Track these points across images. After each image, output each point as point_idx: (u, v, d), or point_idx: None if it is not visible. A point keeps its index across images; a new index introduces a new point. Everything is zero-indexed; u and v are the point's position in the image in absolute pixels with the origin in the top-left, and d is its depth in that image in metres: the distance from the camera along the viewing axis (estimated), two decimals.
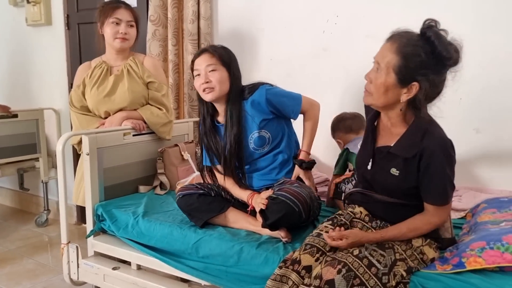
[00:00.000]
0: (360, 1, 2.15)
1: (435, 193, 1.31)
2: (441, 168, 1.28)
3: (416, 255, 1.32)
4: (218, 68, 1.74)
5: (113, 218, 1.90)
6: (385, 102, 1.32)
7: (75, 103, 2.24)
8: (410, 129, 1.33)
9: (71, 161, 3.25)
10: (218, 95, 1.74)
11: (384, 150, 1.39)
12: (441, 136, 1.30)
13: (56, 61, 3.34)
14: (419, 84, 1.25)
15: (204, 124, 1.85)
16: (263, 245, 1.54)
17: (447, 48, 1.23)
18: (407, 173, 1.33)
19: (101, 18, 2.18)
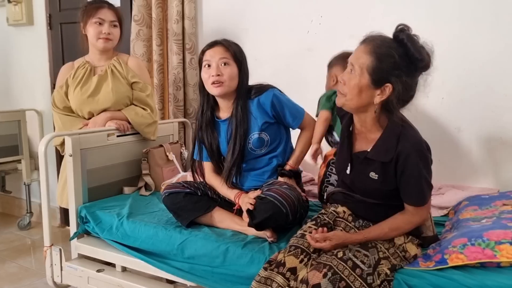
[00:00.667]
0: (344, 2, 2.16)
1: (413, 195, 1.33)
2: (417, 170, 1.30)
3: (398, 252, 1.34)
4: (230, 63, 1.71)
5: (97, 220, 1.88)
6: (358, 103, 1.32)
7: (58, 103, 2.21)
8: (385, 134, 1.34)
9: (54, 163, 3.20)
10: (226, 90, 1.71)
11: (361, 156, 1.40)
12: (415, 138, 1.32)
13: (38, 62, 3.29)
14: (393, 85, 1.26)
15: (202, 117, 1.81)
16: (249, 245, 1.54)
17: (419, 50, 1.25)
18: (386, 176, 1.35)
19: (84, 18, 2.16)
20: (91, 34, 2.16)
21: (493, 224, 1.34)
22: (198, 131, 1.83)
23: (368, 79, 1.28)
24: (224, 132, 1.79)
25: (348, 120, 1.46)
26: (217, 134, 1.81)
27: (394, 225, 1.36)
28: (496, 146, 1.92)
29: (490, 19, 1.86)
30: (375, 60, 1.26)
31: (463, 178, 1.99)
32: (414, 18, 1.99)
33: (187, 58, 2.56)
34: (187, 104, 2.62)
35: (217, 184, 1.82)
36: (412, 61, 1.26)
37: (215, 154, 1.82)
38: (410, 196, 1.34)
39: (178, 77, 2.55)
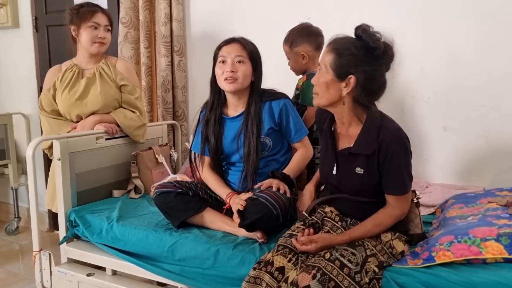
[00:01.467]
0: (331, 3, 2.18)
1: (394, 183, 1.37)
2: (397, 159, 1.35)
3: (385, 249, 1.36)
4: (246, 62, 1.72)
5: (87, 224, 1.87)
6: (329, 99, 1.39)
7: (45, 107, 2.19)
8: (365, 127, 1.40)
9: (42, 167, 3.17)
10: (239, 87, 1.72)
11: (345, 152, 1.43)
12: (395, 128, 1.38)
13: (24, 65, 3.26)
14: (355, 76, 1.33)
15: (211, 113, 1.81)
16: (239, 246, 1.55)
17: (373, 39, 1.32)
18: (371, 169, 1.38)
19: (77, 21, 2.14)
20: (85, 38, 2.14)
21: (479, 222, 1.37)
22: (204, 125, 1.82)
23: (332, 74, 1.36)
24: (231, 130, 1.79)
25: (329, 120, 1.51)
26: (223, 131, 1.80)
27: (376, 221, 1.39)
28: (481, 145, 1.95)
29: (475, 19, 1.90)
30: (335, 56, 1.35)
31: (450, 177, 2.02)
32: (400, 19, 2.03)
33: (175, 60, 2.56)
34: (175, 106, 2.62)
35: (212, 180, 1.82)
36: (369, 51, 1.32)
37: (218, 150, 1.81)
38: (391, 185, 1.38)
39: (167, 79, 2.55)
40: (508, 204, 1.48)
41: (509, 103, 1.87)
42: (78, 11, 2.15)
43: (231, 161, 1.83)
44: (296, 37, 1.95)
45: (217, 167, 1.84)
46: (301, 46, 1.94)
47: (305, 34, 1.95)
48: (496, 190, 1.70)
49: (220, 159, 1.83)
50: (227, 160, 1.84)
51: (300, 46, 1.94)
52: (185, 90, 2.62)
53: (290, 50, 1.97)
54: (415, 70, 2.02)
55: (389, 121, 1.40)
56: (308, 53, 1.94)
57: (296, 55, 1.96)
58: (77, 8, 2.17)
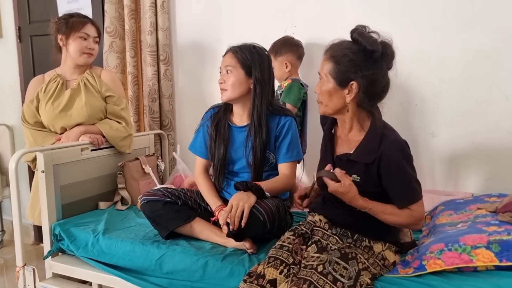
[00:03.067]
0: (317, 11, 2.18)
1: (404, 193, 1.35)
2: (402, 169, 1.33)
3: (377, 261, 1.35)
4: (234, 71, 1.69)
5: (72, 237, 1.83)
6: (333, 107, 1.39)
7: (28, 118, 2.15)
8: (368, 136, 1.38)
9: (26, 178, 3.12)
10: (229, 97, 1.71)
11: (344, 158, 1.42)
12: (396, 138, 1.37)
13: (8, 75, 3.21)
14: (356, 82, 1.32)
15: (220, 119, 1.79)
16: (228, 258, 1.53)
17: (370, 42, 1.30)
18: (368, 178, 1.36)
19: (66, 31, 2.11)
20: (74, 48, 2.11)
21: (469, 229, 1.36)
22: (213, 131, 1.79)
23: (334, 83, 1.35)
24: (237, 139, 1.77)
25: (330, 123, 1.50)
26: (230, 139, 1.78)
27: (396, 210, 1.35)
28: (469, 151, 1.95)
29: (460, 26, 1.91)
30: (334, 64, 1.34)
31: (439, 183, 2.02)
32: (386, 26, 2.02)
33: (161, 70, 2.53)
34: (162, 115, 2.59)
35: (205, 186, 1.79)
36: (367, 54, 1.31)
37: (225, 158, 1.77)
38: (401, 196, 1.35)
39: (153, 88, 2.52)
40: (498, 210, 1.48)
41: (495, 109, 1.88)
42: (67, 21, 2.12)
43: (233, 169, 1.80)
44: (280, 47, 2.09)
45: (220, 174, 1.79)
46: (285, 55, 2.09)
47: (288, 44, 2.10)
48: (485, 196, 1.71)
49: (226, 167, 1.79)
50: (229, 169, 1.81)
51: (284, 56, 2.10)
52: (171, 100, 2.59)
53: (275, 59, 2.08)
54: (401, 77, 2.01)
55: (391, 131, 1.39)
56: (291, 61, 2.09)
57: (280, 64, 2.10)
58: (67, 18, 2.14)
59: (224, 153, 1.76)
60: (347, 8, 2.11)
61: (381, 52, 1.31)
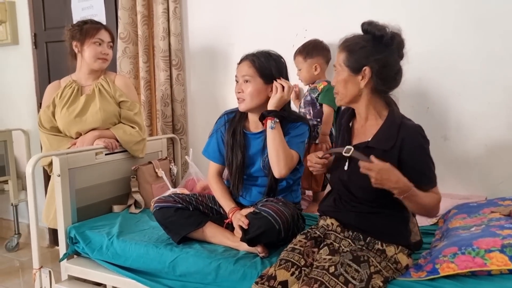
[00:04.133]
0: (328, 15, 2.19)
1: (429, 177, 1.38)
2: (425, 153, 1.37)
3: (390, 265, 1.34)
4: (252, 80, 1.70)
5: (87, 240, 1.86)
6: (349, 95, 1.43)
7: (45, 123, 2.19)
8: (386, 123, 1.41)
9: (42, 182, 3.16)
10: (247, 107, 1.72)
11: (361, 146, 1.42)
12: (415, 124, 1.40)
13: (24, 81, 3.27)
14: (369, 67, 1.37)
15: (236, 125, 1.80)
16: (241, 261, 1.53)
17: (378, 28, 1.36)
18: None
19: (80, 38, 2.15)
20: (89, 54, 2.15)
21: (482, 232, 1.35)
22: (228, 135, 1.80)
23: (347, 71, 1.41)
24: (253, 145, 1.78)
25: (348, 116, 1.53)
26: (246, 145, 1.79)
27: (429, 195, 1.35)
28: (482, 153, 1.94)
29: (472, 28, 1.90)
30: (347, 53, 1.41)
31: (451, 186, 2.01)
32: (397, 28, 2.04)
33: (174, 74, 2.56)
34: (175, 119, 2.62)
35: (218, 189, 1.82)
36: (377, 40, 1.37)
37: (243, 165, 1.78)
38: (427, 179, 1.37)
39: (166, 93, 2.55)
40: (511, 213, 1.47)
41: (508, 111, 1.87)
42: (81, 28, 2.16)
43: (250, 174, 1.80)
44: (312, 50, 2.11)
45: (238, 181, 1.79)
46: (315, 58, 2.10)
47: (319, 48, 2.11)
48: (499, 199, 1.69)
49: (244, 173, 1.80)
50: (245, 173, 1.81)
51: (314, 58, 2.10)
52: (184, 104, 2.62)
53: (304, 61, 2.11)
54: (413, 80, 2.02)
55: (410, 120, 1.43)
56: (321, 65, 2.11)
57: (309, 66, 2.11)
58: (80, 24, 2.19)
59: (241, 159, 1.78)
60: (357, 12, 2.12)
61: (390, 36, 1.36)
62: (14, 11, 3.23)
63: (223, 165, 1.87)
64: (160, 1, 2.48)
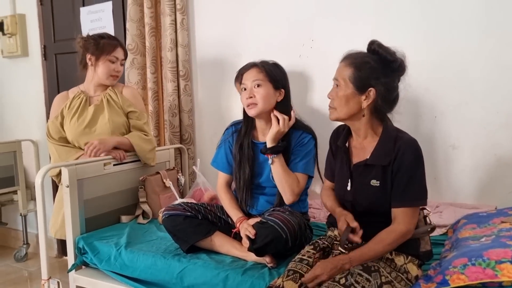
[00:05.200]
0: (335, 26, 2.20)
1: (403, 194, 1.35)
2: (410, 168, 1.34)
3: (401, 275, 1.33)
4: (263, 84, 1.73)
5: (95, 251, 1.87)
6: (348, 112, 1.41)
7: (53, 134, 2.21)
8: (382, 139, 1.41)
9: (51, 193, 3.18)
10: (260, 111, 1.74)
11: (361, 165, 1.43)
12: (409, 138, 1.40)
13: (33, 92, 3.31)
14: (375, 88, 1.36)
15: (244, 137, 1.82)
16: (249, 272, 1.53)
17: (390, 53, 1.36)
18: (387, 181, 1.37)
19: (96, 52, 2.17)
20: (102, 70, 2.18)
21: (493, 243, 1.34)
22: (235, 149, 1.83)
23: (353, 88, 1.39)
24: (260, 154, 1.79)
25: (344, 136, 1.51)
26: (255, 156, 1.80)
27: (378, 238, 1.35)
28: (491, 163, 1.93)
29: (479, 37, 1.90)
30: (354, 70, 1.38)
31: (460, 196, 2.00)
32: (404, 40, 2.04)
33: (181, 85, 2.58)
34: (182, 130, 2.63)
35: (227, 199, 1.84)
36: (386, 64, 1.37)
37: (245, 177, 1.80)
38: (398, 196, 1.35)
39: (173, 103, 2.57)
40: None
41: None
42: (98, 42, 2.18)
43: (258, 183, 1.82)
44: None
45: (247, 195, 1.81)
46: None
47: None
48: (509, 209, 1.67)
49: (251, 186, 1.81)
50: (254, 183, 1.82)
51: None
52: (191, 114, 2.63)
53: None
54: (421, 89, 2.02)
55: (404, 133, 1.42)
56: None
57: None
58: (97, 38, 2.20)
59: (249, 173, 1.80)
60: (363, 22, 2.12)
61: (399, 63, 1.36)
62: (24, 24, 3.28)
63: (232, 174, 1.89)
64: (167, 12, 2.50)
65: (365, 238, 1.42)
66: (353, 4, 2.15)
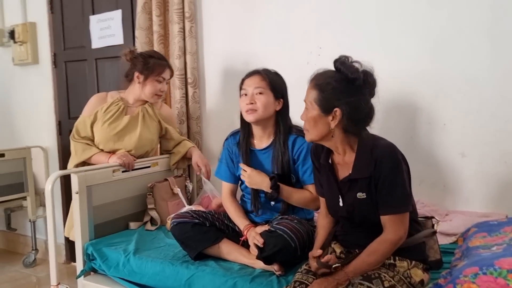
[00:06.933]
0: (342, 34, 2.21)
1: (387, 201, 1.34)
2: (390, 175, 1.33)
3: (403, 279, 1.33)
4: (265, 92, 1.74)
5: (104, 257, 1.87)
6: (319, 133, 1.41)
7: (82, 132, 2.22)
8: (359, 152, 1.40)
9: (59, 200, 3.21)
10: (259, 117, 1.74)
11: (345, 180, 1.42)
12: (386, 144, 1.38)
13: (43, 99, 3.35)
14: (340, 109, 1.35)
15: (241, 145, 1.84)
16: (257, 279, 1.53)
17: (351, 71, 1.34)
18: (371, 192, 1.36)
19: (145, 72, 2.20)
20: (149, 90, 2.22)
21: (504, 252, 1.32)
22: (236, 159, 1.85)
23: (318, 110, 1.39)
24: (260, 162, 1.80)
25: (325, 154, 1.49)
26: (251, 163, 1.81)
27: (370, 249, 1.34)
28: (502, 171, 1.91)
29: (488, 44, 1.89)
30: (318, 92, 1.38)
31: (469, 204, 1.98)
32: (412, 47, 2.04)
33: (189, 92, 2.59)
34: (190, 137, 2.64)
35: (232, 209, 1.84)
36: (348, 82, 1.35)
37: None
38: (383, 204, 1.34)
39: (182, 110, 2.58)
40: None
41: None
42: (147, 61, 2.21)
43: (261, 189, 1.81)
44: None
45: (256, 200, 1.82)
46: None
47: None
48: None
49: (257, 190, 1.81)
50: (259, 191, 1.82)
51: None
52: (199, 121, 2.65)
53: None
54: (429, 97, 2.01)
55: (381, 140, 1.40)
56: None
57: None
58: (146, 57, 2.22)
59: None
60: (371, 30, 2.13)
61: (362, 80, 1.34)
62: (35, 32, 3.32)
63: (236, 184, 1.91)
64: (176, 20, 2.52)
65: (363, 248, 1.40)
66: (361, 12, 2.15)
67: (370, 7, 2.13)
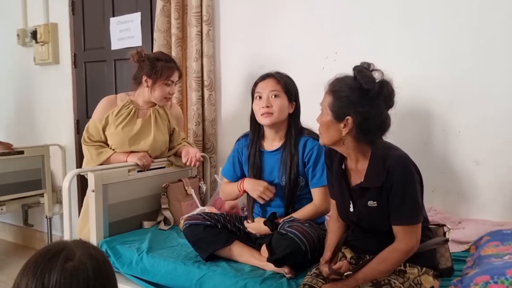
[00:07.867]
0: (358, 39, 2.21)
1: (399, 212, 1.33)
2: (402, 186, 1.32)
3: (414, 285, 1.33)
4: (280, 95, 1.77)
5: (118, 255, 1.91)
6: (330, 139, 1.41)
7: (94, 135, 2.22)
8: (372, 161, 1.39)
9: (76, 197, 3.27)
10: (275, 120, 1.77)
11: (357, 188, 1.43)
12: (399, 155, 1.37)
13: (63, 98, 3.42)
14: (351, 117, 1.34)
15: (251, 147, 1.87)
16: (267, 281, 1.54)
17: (366, 81, 1.33)
18: (382, 201, 1.36)
19: (153, 75, 2.18)
20: (158, 93, 2.21)
21: None
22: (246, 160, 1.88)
23: (331, 115, 1.39)
24: (268, 163, 1.82)
25: (339, 159, 1.50)
26: (261, 164, 1.84)
27: (381, 258, 1.34)
28: None
29: (504, 54, 1.88)
30: (333, 98, 1.38)
31: (484, 212, 1.96)
32: (427, 53, 2.04)
33: (205, 95, 2.62)
34: (205, 139, 2.67)
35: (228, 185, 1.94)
36: (362, 92, 1.34)
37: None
38: (395, 214, 1.34)
39: (197, 112, 2.62)
40: None
41: None
42: (154, 65, 2.18)
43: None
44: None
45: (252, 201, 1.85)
46: None
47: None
48: None
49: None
50: None
51: None
52: (214, 123, 2.68)
53: None
54: (444, 104, 2.01)
55: (394, 149, 1.39)
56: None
57: None
58: (153, 60, 2.19)
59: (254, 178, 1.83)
60: (387, 36, 2.13)
61: (377, 91, 1.33)
62: (56, 33, 3.40)
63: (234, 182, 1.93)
64: (194, 24, 2.56)
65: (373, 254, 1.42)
66: (377, 19, 2.16)
67: (387, 14, 2.13)
